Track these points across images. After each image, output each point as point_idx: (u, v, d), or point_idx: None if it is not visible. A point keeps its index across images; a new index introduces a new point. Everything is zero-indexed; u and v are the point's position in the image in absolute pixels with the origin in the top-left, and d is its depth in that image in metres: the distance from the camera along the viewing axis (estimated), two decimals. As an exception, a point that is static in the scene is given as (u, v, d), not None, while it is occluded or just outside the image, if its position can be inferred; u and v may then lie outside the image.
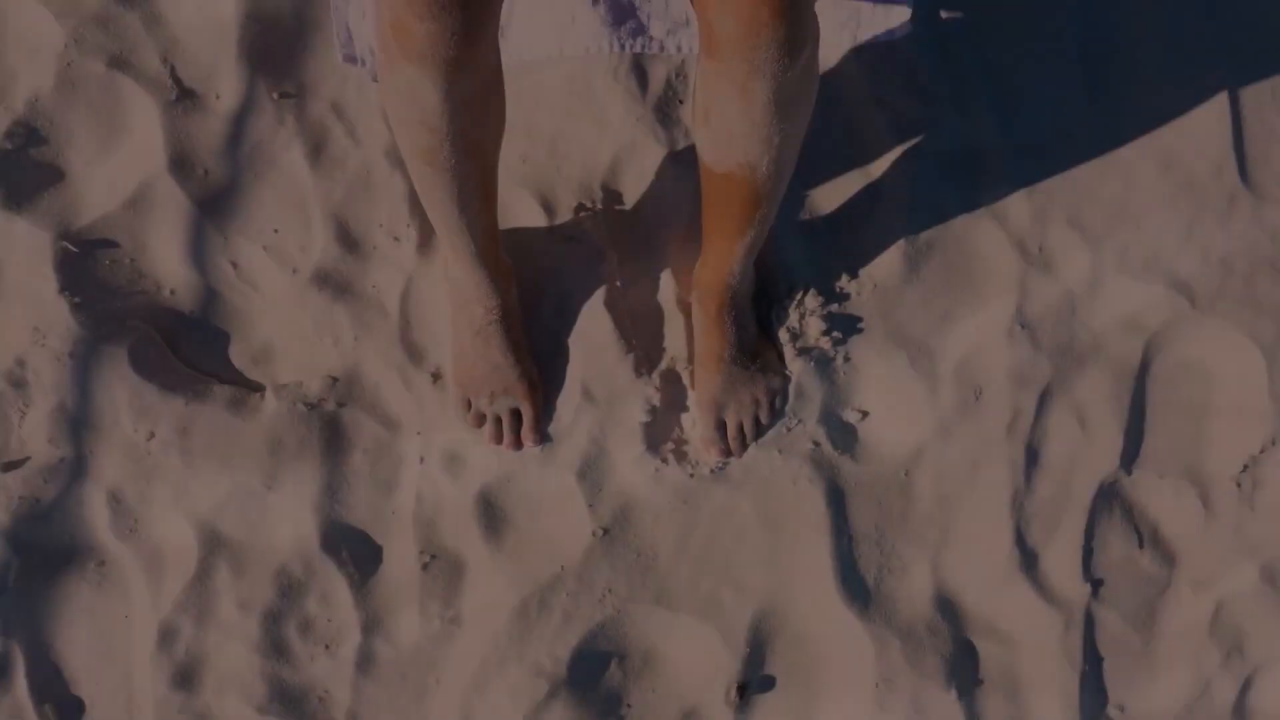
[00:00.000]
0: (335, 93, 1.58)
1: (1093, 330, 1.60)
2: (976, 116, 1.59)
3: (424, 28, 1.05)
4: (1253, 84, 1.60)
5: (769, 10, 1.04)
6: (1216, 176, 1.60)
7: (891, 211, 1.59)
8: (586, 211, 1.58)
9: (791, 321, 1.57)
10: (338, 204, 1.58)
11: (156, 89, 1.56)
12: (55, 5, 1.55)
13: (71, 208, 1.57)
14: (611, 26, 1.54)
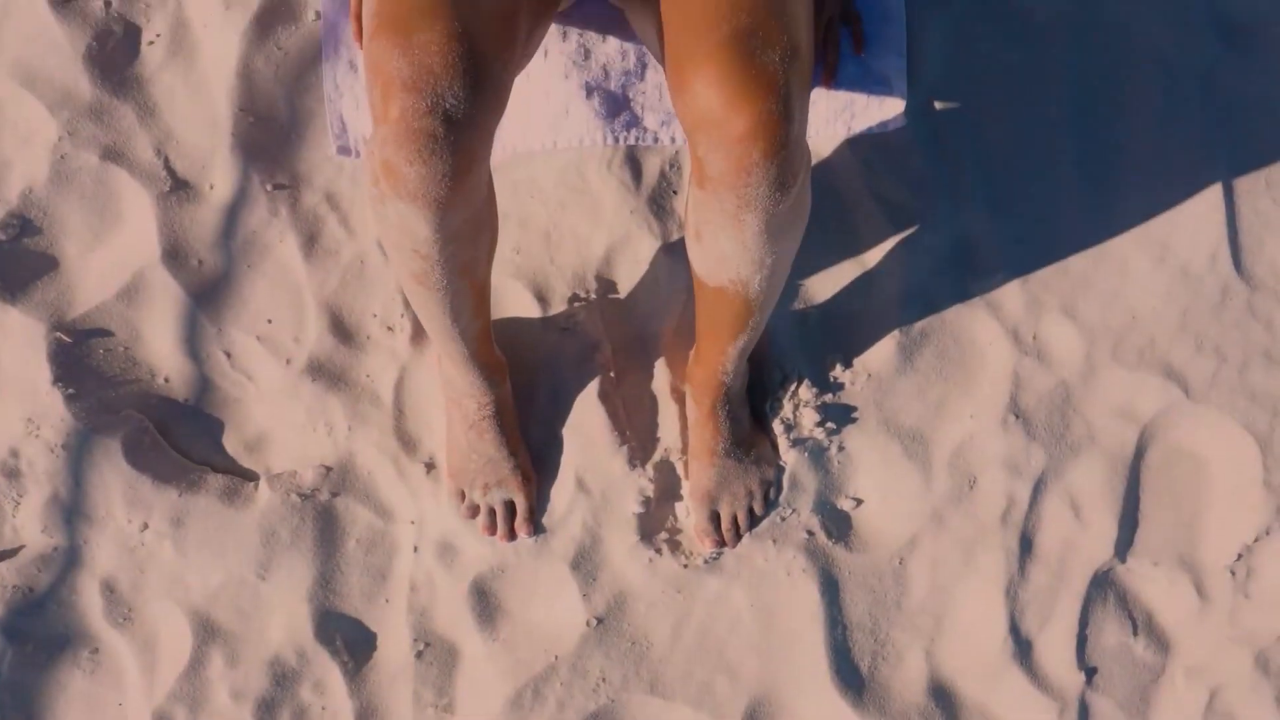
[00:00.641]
0: (329, 183, 1.58)
1: (1087, 419, 1.60)
2: (971, 207, 1.59)
3: (414, 171, 1.05)
4: (1247, 174, 1.60)
5: (759, 152, 1.04)
6: (1211, 266, 1.60)
7: (885, 301, 1.59)
8: (580, 302, 1.58)
9: (786, 412, 1.57)
10: (331, 294, 1.58)
11: (150, 180, 1.56)
12: (48, 97, 1.55)
13: (65, 298, 1.57)
14: (605, 119, 1.54)
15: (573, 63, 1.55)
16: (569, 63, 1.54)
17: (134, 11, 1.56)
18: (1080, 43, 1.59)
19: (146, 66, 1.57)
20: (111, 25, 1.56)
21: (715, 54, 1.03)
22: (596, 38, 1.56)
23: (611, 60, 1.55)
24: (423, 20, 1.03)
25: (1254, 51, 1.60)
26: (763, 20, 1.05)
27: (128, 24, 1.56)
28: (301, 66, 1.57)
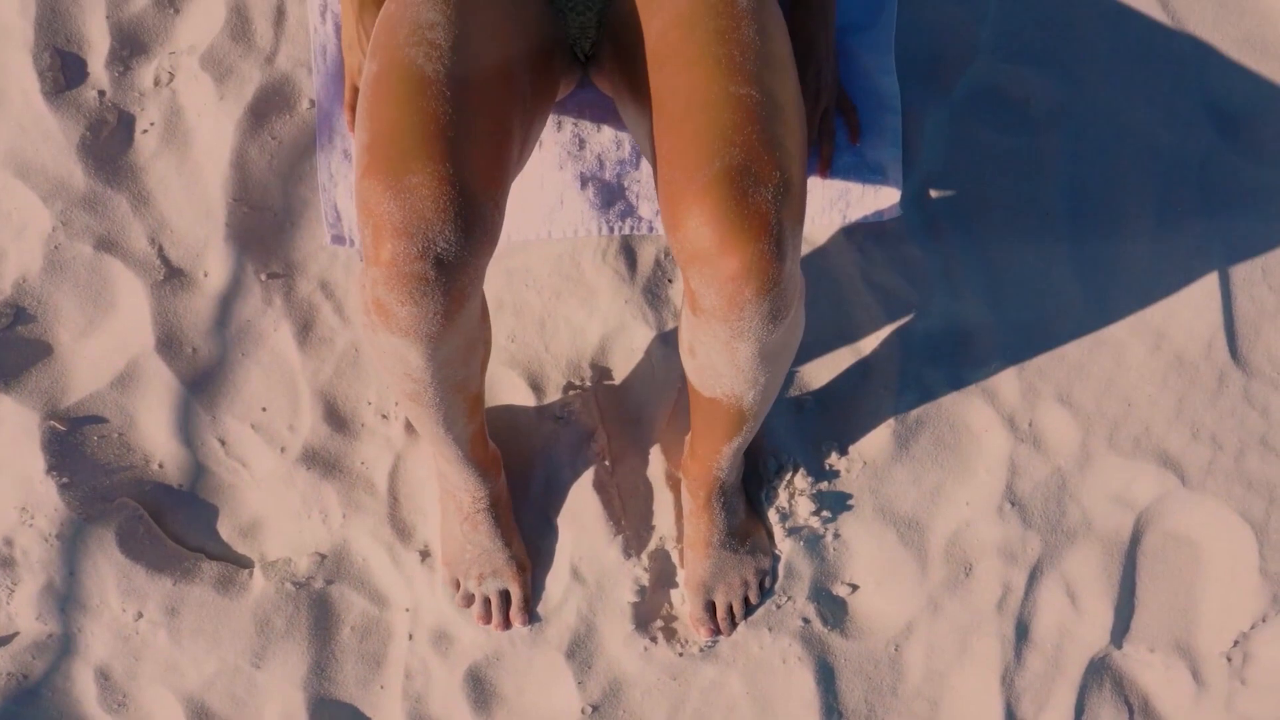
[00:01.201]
0: (324, 271, 1.58)
1: (1083, 506, 1.59)
2: (966, 295, 1.59)
3: (406, 311, 1.05)
4: (1243, 262, 1.60)
5: (752, 290, 1.04)
6: (1207, 354, 1.59)
7: (881, 389, 1.59)
8: (575, 390, 1.58)
9: (781, 501, 1.56)
10: (326, 382, 1.57)
11: (144, 269, 1.56)
12: (42, 188, 1.54)
13: (59, 386, 1.56)
14: (600, 209, 1.53)
15: (567, 153, 1.54)
16: (563, 153, 1.54)
17: (128, 100, 1.56)
18: (1076, 132, 1.59)
19: (140, 155, 1.57)
20: (105, 114, 1.55)
21: (707, 192, 1.03)
22: (591, 127, 1.56)
23: (606, 150, 1.55)
24: (414, 162, 1.03)
25: (1249, 140, 1.59)
26: (755, 155, 1.05)
27: (122, 112, 1.56)
28: (296, 155, 1.57)
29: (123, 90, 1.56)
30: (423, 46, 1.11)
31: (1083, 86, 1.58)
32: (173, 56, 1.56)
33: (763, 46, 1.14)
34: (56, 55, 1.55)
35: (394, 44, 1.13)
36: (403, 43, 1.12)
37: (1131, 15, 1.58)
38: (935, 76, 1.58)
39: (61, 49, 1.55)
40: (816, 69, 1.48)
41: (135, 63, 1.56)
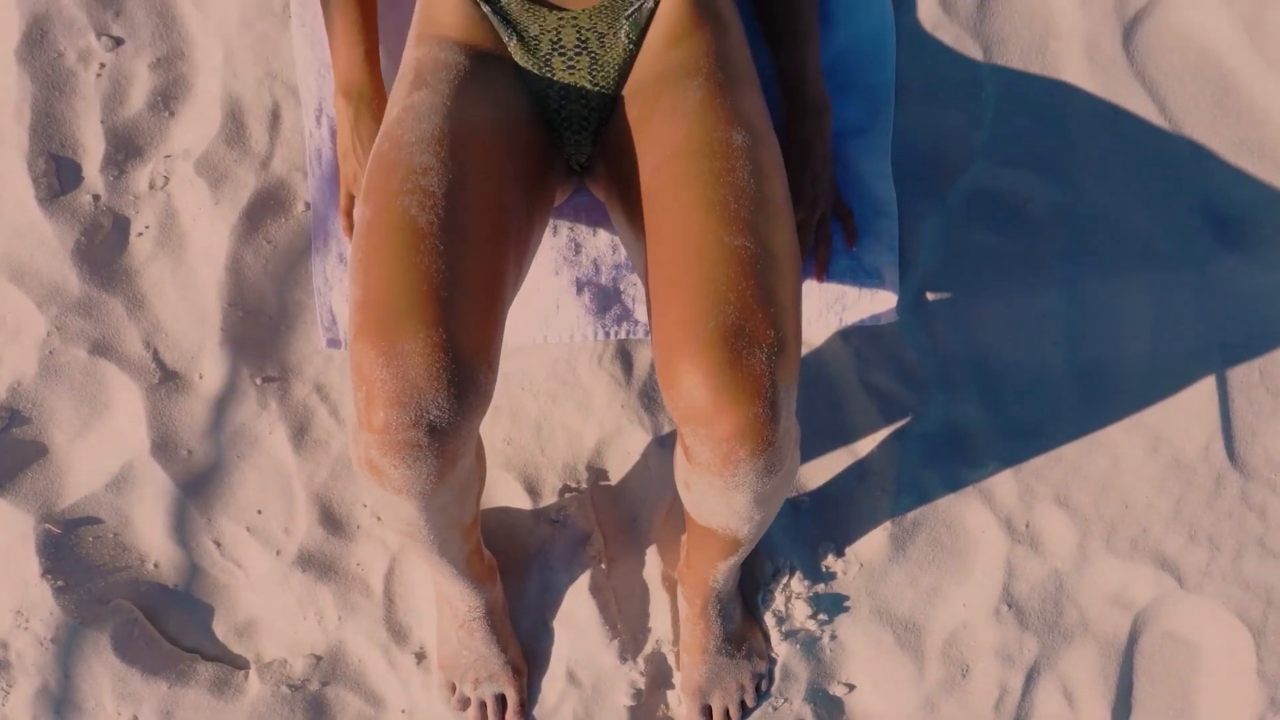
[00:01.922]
0: (319, 374, 1.58)
1: (1080, 607, 1.59)
2: (963, 397, 1.58)
3: (399, 473, 1.05)
4: (1241, 364, 1.59)
5: (746, 450, 1.04)
6: (1204, 456, 1.59)
7: (877, 490, 1.59)
8: (571, 492, 1.58)
9: (778, 605, 1.56)
10: (321, 485, 1.57)
11: (140, 373, 1.55)
12: (37, 293, 1.54)
13: (54, 488, 1.56)
14: (596, 314, 1.53)
15: (563, 258, 1.54)
16: (560, 258, 1.54)
17: (123, 204, 1.56)
18: (1073, 235, 1.58)
19: (135, 258, 1.56)
20: (100, 219, 1.55)
21: (702, 354, 1.03)
22: (587, 231, 1.56)
23: (602, 254, 1.55)
24: (407, 326, 1.02)
25: (1246, 243, 1.59)
26: (749, 312, 1.04)
27: (116, 216, 1.56)
28: (291, 259, 1.57)
29: (117, 194, 1.55)
30: (416, 195, 1.11)
31: (1080, 189, 1.58)
32: (168, 160, 1.56)
33: (758, 190, 1.14)
34: (51, 160, 1.54)
35: (388, 190, 1.13)
36: (396, 189, 1.12)
37: (1128, 118, 1.58)
38: (932, 180, 1.58)
39: (56, 154, 1.54)
40: (813, 176, 1.48)
41: (130, 166, 1.56)
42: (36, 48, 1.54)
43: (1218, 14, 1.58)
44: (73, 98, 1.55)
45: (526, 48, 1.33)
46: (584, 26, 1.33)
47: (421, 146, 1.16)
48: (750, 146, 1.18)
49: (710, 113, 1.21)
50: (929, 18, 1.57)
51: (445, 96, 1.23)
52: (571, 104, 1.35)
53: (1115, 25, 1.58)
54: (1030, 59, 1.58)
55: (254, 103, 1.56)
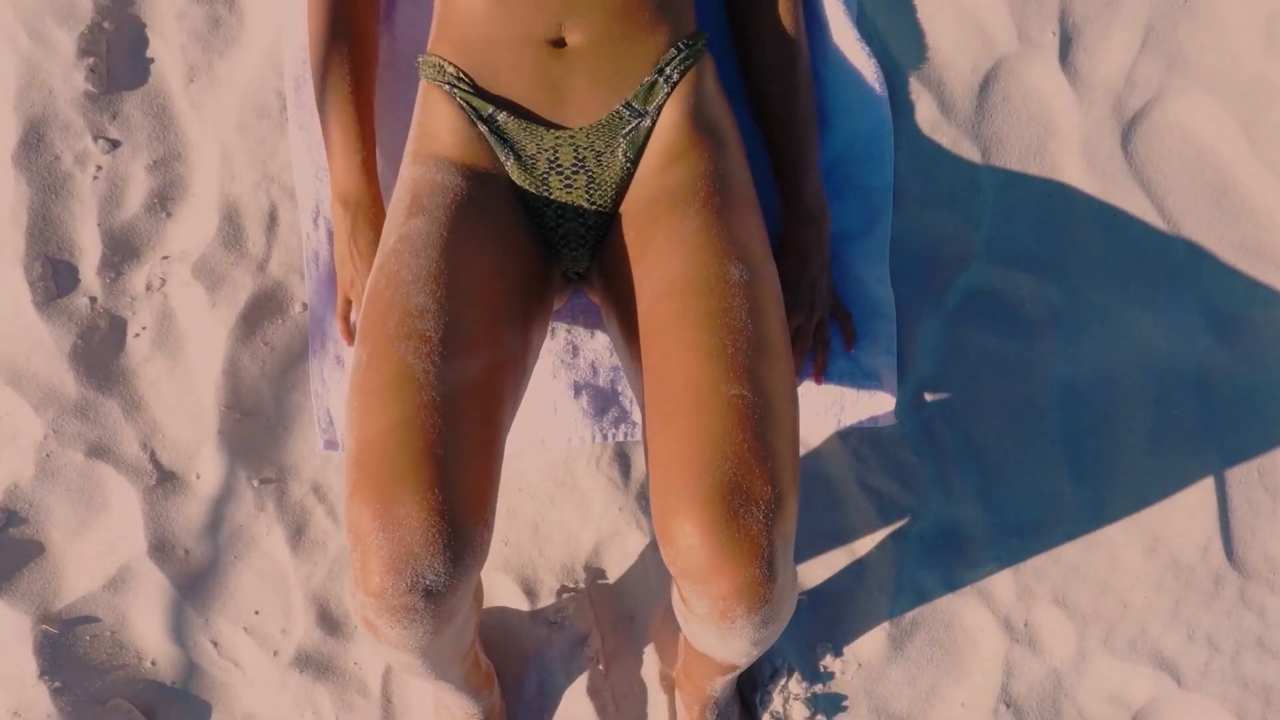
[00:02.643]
0: (316, 474, 1.58)
1: (1079, 705, 1.59)
2: (961, 498, 1.58)
3: (395, 633, 1.05)
4: (1239, 463, 1.59)
5: (743, 608, 1.04)
6: (1203, 556, 1.59)
7: (876, 590, 1.58)
8: (569, 593, 1.57)
9: (776, 706, 1.56)
10: (319, 586, 1.57)
11: (137, 474, 1.55)
12: (33, 396, 1.54)
13: (51, 588, 1.56)
14: (594, 417, 1.53)
15: (561, 361, 1.54)
16: (557, 361, 1.54)
17: (120, 305, 1.56)
18: (1071, 335, 1.58)
19: (132, 358, 1.56)
20: (97, 320, 1.55)
21: (699, 512, 1.02)
22: (585, 333, 1.55)
23: (600, 357, 1.55)
24: (404, 489, 1.02)
25: (1244, 342, 1.59)
26: (747, 468, 1.04)
27: (113, 317, 1.55)
28: (288, 361, 1.56)
29: (114, 296, 1.55)
30: (412, 340, 1.11)
31: (1078, 290, 1.58)
32: (165, 262, 1.56)
33: (755, 332, 1.14)
34: (48, 264, 1.54)
35: (384, 333, 1.12)
36: (392, 334, 1.12)
37: (1127, 220, 1.57)
38: (930, 281, 1.58)
39: (53, 257, 1.54)
40: (810, 282, 1.48)
41: (127, 268, 1.55)
42: (33, 151, 1.54)
43: (1215, 115, 1.57)
44: (69, 200, 1.55)
45: (523, 167, 1.33)
46: (581, 145, 1.32)
47: (418, 286, 1.15)
48: (748, 282, 1.18)
49: (708, 244, 1.21)
50: (927, 120, 1.57)
51: (441, 225, 1.23)
52: (568, 222, 1.35)
53: (1114, 126, 1.57)
54: (1029, 160, 1.58)
55: (251, 205, 1.55)
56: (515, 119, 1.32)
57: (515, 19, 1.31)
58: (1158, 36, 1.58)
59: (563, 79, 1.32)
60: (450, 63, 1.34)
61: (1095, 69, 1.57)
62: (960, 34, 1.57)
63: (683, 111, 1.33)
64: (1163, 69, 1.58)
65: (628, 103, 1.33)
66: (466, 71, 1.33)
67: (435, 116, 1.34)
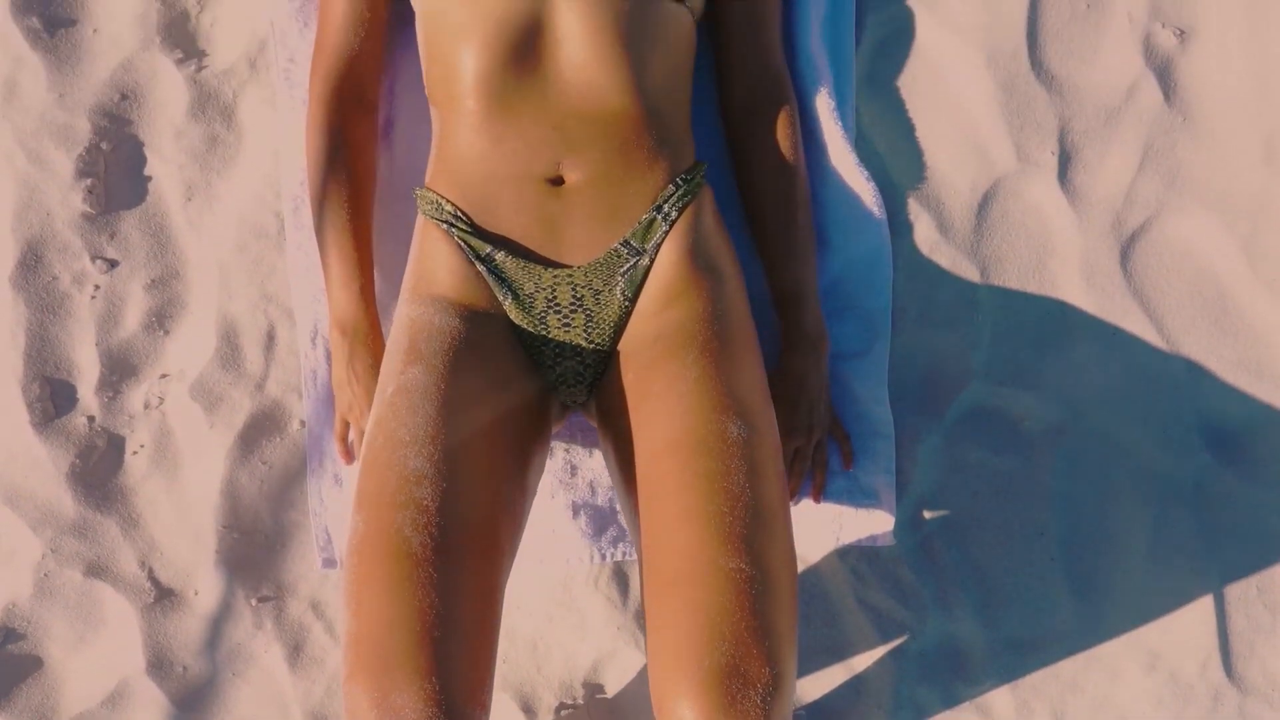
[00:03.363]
0: (314, 591, 1.57)
1: (1077, 821, 1.59)
2: (960, 614, 1.58)
3: None
4: (1238, 580, 1.59)
5: None
6: (1202, 673, 1.59)
7: (875, 707, 1.58)
8: (567, 709, 1.57)
9: (774, 823, 1.55)
10: (317, 703, 1.57)
11: (135, 592, 1.55)
12: (31, 516, 1.54)
13: (50, 704, 1.56)
14: (592, 538, 1.52)
15: (559, 481, 1.54)
16: (556, 482, 1.53)
17: (118, 424, 1.55)
18: (1070, 452, 1.58)
19: (130, 476, 1.56)
20: (95, 439, 1.55)
21: (697, 697, 1.02)
22: (583, 452, 1.55)
23: (598, 476, 1.54)
24: (401, 677, 1.02)
25: (1244, 460, 1.58)
26: (745, 649, 1.04)
27: (111, 435, 1.55)
28: (286, 479, 1.56)
29: (112, 414, 1.55)
30: (410, 510, 1.11)
31: (1077, 407, 1.58)
32: (163, 381, 1.55)
33: (753, 495, 1.14)
34: (46, 384, 1.54)
35: (381, 501, 1.12)
36: (389, 501, 1.12)
37: (1126, 339, 1.57)
38: (929, 400, 1.58)
39: (51, 377, 1.54)
40: (809, 406, 1.48)
41: (125, 386, 1.55)
42: (31, 273, 1.54)
43: (1214, 234, 1.57)
44: (67, 320, 1.54)
45: (521, 306, 1.33)
46: (579, 284, 1.32)
47: (415, 448, 1.15)
48: (746, 440, 1.18)
49: (706, 399, 1.21)
50: (926, 241, 1.57)
51: (439, 376, 1.23)
52: (567, 360, 1.35)
53: (1113, 244, 1.57)
54: (1028, 278, 1.58)
55: (249, 324, 1.55)
56: (513, 258, 1.32)
57: (514, 157, 1.31)
58: (1157, 154, 1.58)
59: (561, 217, 1.32)
60: (448, 200, 1.34)
61: (1094, 187, 1.57)
62: (959, 154, 1.57)
63: (681, 250, 1.33)
64: (1162, 187, 1.58)
65: (626, 241, 1.33)
66: (464, 209, 1.33)
67: (433, 255, 1.34)
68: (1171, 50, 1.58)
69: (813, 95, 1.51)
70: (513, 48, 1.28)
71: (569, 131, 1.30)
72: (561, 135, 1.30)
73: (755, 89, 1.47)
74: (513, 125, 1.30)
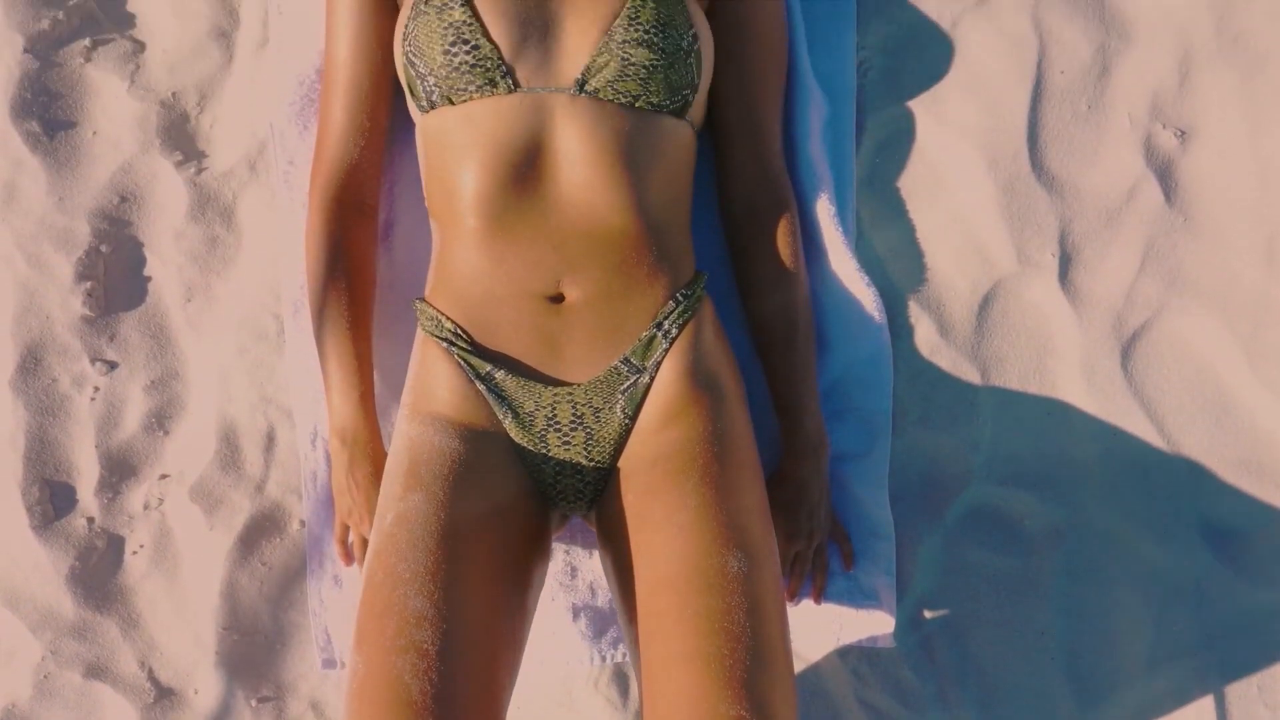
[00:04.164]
0: (314, 690, 1.57)
1: None
2: (960, 715, 1.58)
3: None
4: (1238, 679, 1.59)
5: None
6: (1203, 772, 1.59)
7: (875, 805, 1.58)
8: (568, 809, 1.57)
9: None
10: (317, 802, 1.57)
11: (134, 693, 1.55)
12: (31, 618, 1.53)
13: (49, 804, 1.56)
14: (592, 640, 1.52)
15: (559, 583, 1.54)
16: (556, 584, 1.53)
17: (117, 524, 1.55)
18: (1071, 552, 1.58)
19: (130, 576, 1.56)
20: (94, 540, 1.54)
21: None
22: (584, 554, 1.55)
23: (599, 578, 1.54)
24: None
25: (1244, 560, 1.58)
26: None
27: (111, 536, 1.55)
28: (286, 580, 1.56)
29: (112, 515, 1.55)
30: (410, 655, 1.11)
31: (1077, 507, 1.58)
32: (163, 481, 1.55)
33: (754, 635, 1.14)
34: (46, 486, 1.54)
35: (381, 644, 1.12)
36: (390, 645, 1.12)
37: (1126, 439, 1.57)
38: (929, 500, 1.57)
39: (50, 479, 1.54)
40: (809, 512, 1.47)
41: (125, 487, 1.55)
42: (30, 376, 1.53)
43: (1215, 334, 1.57)
44: (67, 422, 1.54)
45: (521, 424, 1.33)
46: (579, 402, 1.32)
47: (415, 587, 1.15)
48: (746, 575, 1.17)
49: (706, 532, 1.20)
50: (926, 343, 1.57)
51: (439, 504, 1.23)
52: (567, 478, 1.34)
53: (1113, 344, 1.57)
54: (1028, 379, 1.58)
55: (249, 426, 1.55)
56: (513, 376, 1.32)
57: (514, 276, 1.31)
58: (1158, 254, 1.57)
59: (561, 335, 1.32)
60: (448, 317, 1.33)
61: (1095, 287, 1.57)
62: (959, 255, 1.57)
63: (681, 368, 1.33)
64: (1163, 287, 1.57)
65: (626, 358, 1.32)
66: (464, 326, 1.33)
67: (433, 372, 1.34)
68: (1172, 151, 1.57)
69: (813, 200, 1.51)
70: (514, 168, 1.28)
71: (569, 250, 1.30)
72: (562, 254, 1.30)
73: (756, 195, 1.47)
74: (513, 244, 1.30)
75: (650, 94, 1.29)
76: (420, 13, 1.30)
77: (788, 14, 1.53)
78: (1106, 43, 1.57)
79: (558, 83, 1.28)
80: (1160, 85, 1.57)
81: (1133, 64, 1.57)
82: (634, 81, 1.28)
